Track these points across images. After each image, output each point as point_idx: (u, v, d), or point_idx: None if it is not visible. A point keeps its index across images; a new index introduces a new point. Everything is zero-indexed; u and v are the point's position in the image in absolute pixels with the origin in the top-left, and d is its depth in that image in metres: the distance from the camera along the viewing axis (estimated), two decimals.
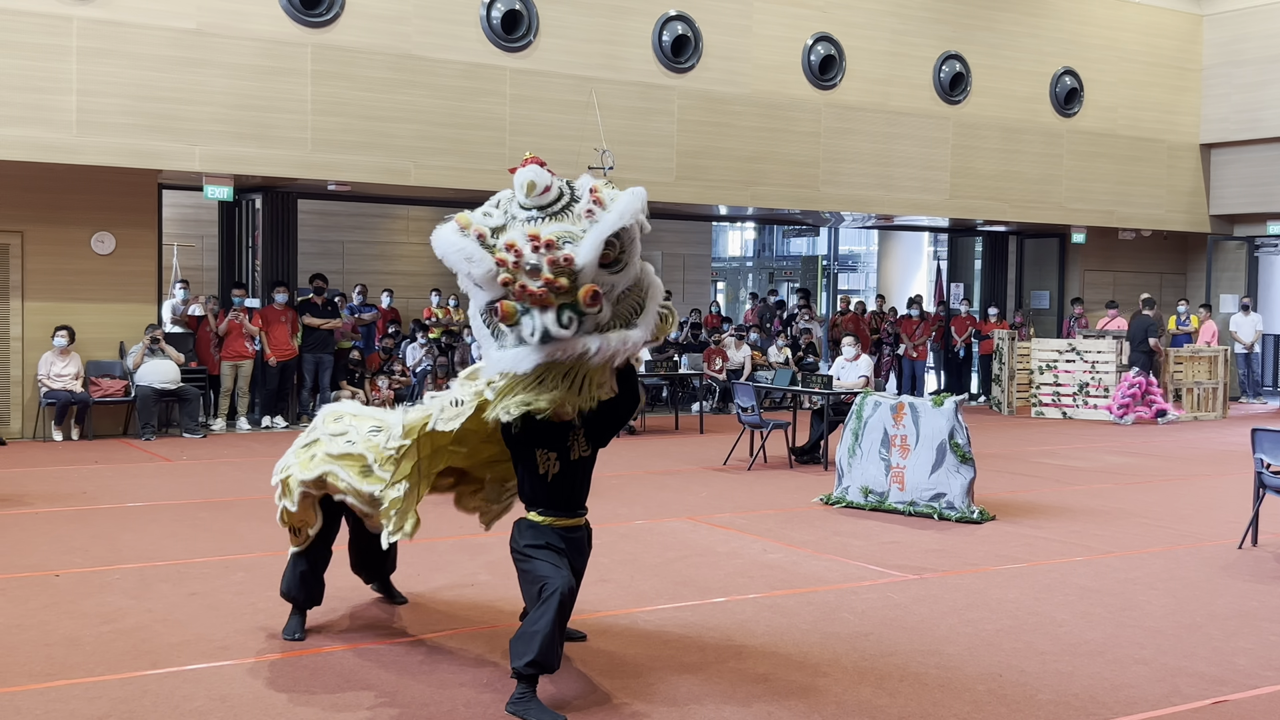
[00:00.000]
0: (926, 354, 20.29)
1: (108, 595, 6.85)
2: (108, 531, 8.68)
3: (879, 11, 17.99)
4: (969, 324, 20.56)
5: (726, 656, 5.85)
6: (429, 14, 14.67)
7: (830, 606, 6.77)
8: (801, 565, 7.86)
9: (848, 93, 17.75)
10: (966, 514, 9.42)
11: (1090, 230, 21.07)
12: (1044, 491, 11.07)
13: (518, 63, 15.21)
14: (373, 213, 20.77)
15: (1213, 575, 7.74)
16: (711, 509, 9.92)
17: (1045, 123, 19.74)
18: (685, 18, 16.30)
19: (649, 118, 16.17)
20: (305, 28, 13.95)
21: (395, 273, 20.95)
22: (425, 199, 18.00)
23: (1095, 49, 20.13)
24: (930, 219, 20.26)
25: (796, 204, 17.79)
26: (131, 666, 5.58)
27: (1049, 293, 22.63)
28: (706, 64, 16.54)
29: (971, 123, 18.95)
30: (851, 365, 12.86)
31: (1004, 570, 7.79)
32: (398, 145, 14.55)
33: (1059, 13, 19.78)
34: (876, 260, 29.30)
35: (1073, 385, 17.91)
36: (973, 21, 18.86)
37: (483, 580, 7.32)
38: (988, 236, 22.76)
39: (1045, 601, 6.99)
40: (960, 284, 23.97)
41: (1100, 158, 20.34)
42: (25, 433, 14.03)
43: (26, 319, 14.02)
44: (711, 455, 13.02)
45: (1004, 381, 18.46)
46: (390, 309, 18.69)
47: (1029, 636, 6.27)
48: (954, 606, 6.81)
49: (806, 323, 20.82)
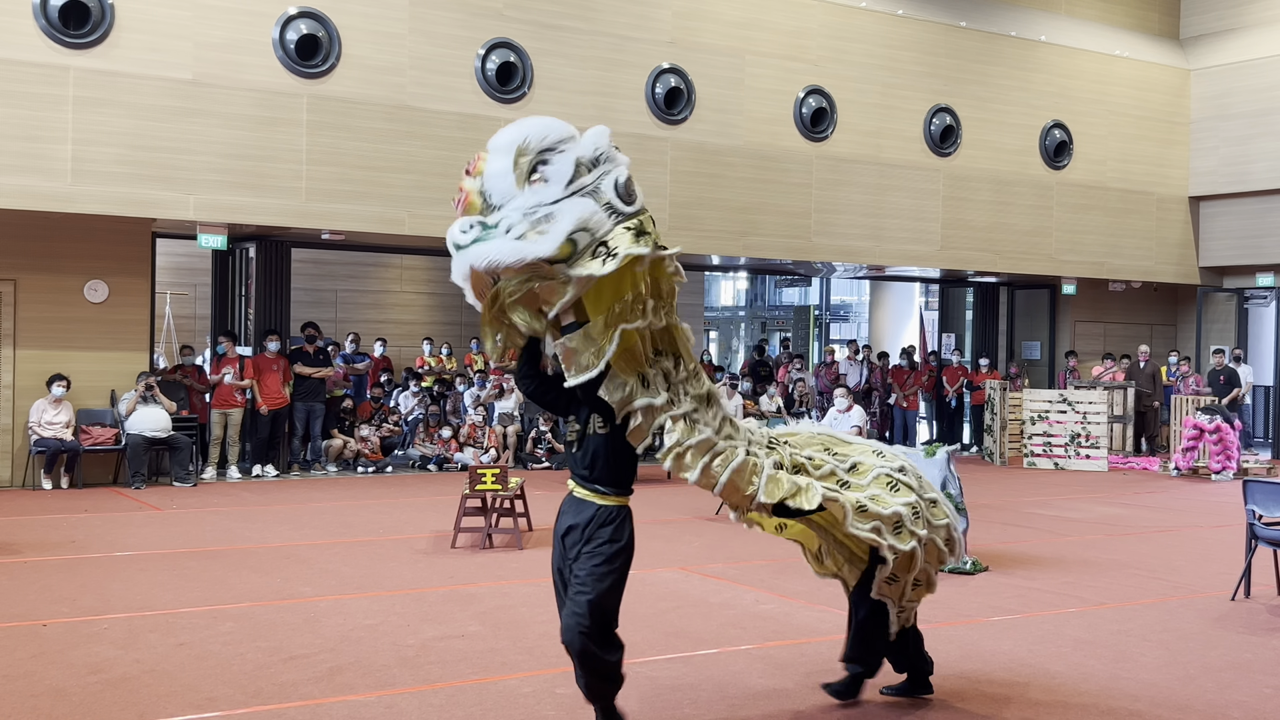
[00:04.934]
0: (918, 404, 20.32)
1: (95, 645, 6.80)
2: (96, 581, 8.62)
3: (870, 65, 18.17)
4: (961, 374, 20.61)
5: (719, 708, 5.80)
6: (424, 65, 14.79)
7: (824, 658, 6.72)
8: (795, 616, 7.82)
9: (839, 144, 17.90)
10: (959, 565, 9.38)
11: (1081, 281, 21.18)
12: (1037, 542, 11.04)
13: (512, 114, 15.30)
14: (366, 261, 20.83)
15: (1206, 627, 7.71)
16: (704, 559, 9.88)
17: (1035, 175, 19.89)
18: (678, 70, 16.45)
19: (642, 168, 16.22)
20: (301, 79, 14.05)
21: (388, 321, 20.97)
22: (419, 248, 18.07)
23: (1084, 103, 20.34)
24: (921, 269, 20.36)
25: (789, 254, 17.88)
26: (119, 718, 5.52)
27: (1040, 343, 22.71)
28: (699, 115, 16.67)
29: (962, 175, 19.10)
30: (844, 415, 12.86)
31: (997, 622, 7.76)
32: (392, 195, 14.62)
33: (1048, 67, 19.99)
34: (868, 310, 29.41)
35: (1064, 436, 17.93)
36: (963, 75, 19.06)
37: (472, 631, 7.27)
38: (979, 287, 22.87)
39: (1039, 653, 6.95)
40: (952, 334, 24.05)
41: (1090, 210, 20.49)
42: (15, 481, 13.96)
43: (18, 367, 14.00)
44: (704, 505, 12.98)
45: (996, 432, 18.48)
46: (383, 358, 18.70)
47: (1023, 689, 6.23)
48: (948, 659, 6.77)
49: (799, 373, 20.85)
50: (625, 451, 5.15)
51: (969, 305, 23.95)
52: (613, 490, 5.14)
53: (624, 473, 5.18)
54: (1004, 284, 22.52)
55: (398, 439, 16.67)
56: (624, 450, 5.14)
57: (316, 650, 6.26)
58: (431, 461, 16.25)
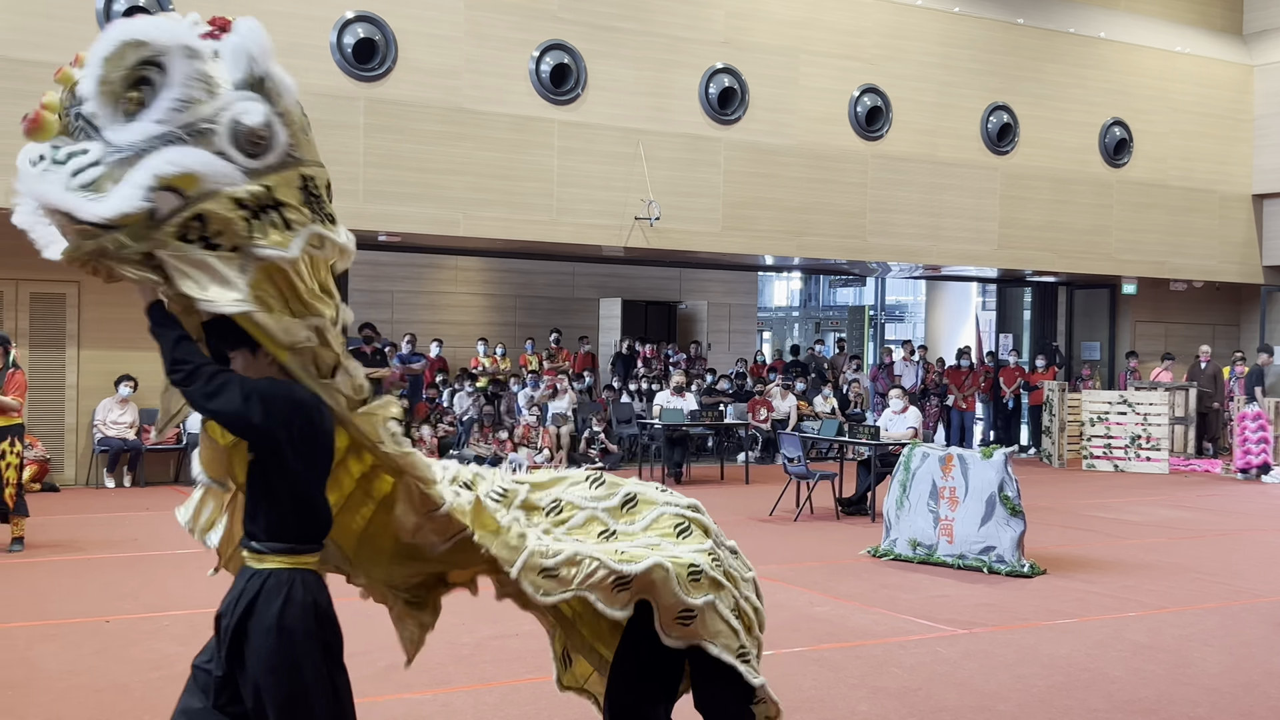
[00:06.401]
0: (975, 405, 20.14)
1: (157, 642, 6.90)
2: (158, 578, 8.75)
3: (926, 63, 18.04)
4: (1018, 375, 20.40)
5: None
6: (479, 68, 14.88)
7: (878, 661, 6.69)
8: (849, 618, 7.78)
9: (895, 143, 17.78)
10: (1017, 567, 9.30)
11: (1141, 281, 20.89)
12: (1096, 545, 10.91)
13: (566, 115, 15.37)
14: (422, 263, 20.97)
15: (1270, 632, 7.58)
16: (757, 560, 9.82)
17: (1095, 173, 19.65)
18: (732, 70, 16.42)
19: (696, 169, 16.27)
20: (359, 82, 14.19)
21: (444, 322, 21.10)
22: (475, 249, 18.18)
23: (1145, 100, 20.06)
24: (978, 269, 20.18)
25: (844, 254, 17.80)
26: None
27: (1099, 344, 22.42)
28: (753, 115, 16.63)
29: (1020, 173, 18.90)
30: (899, 417, 12.78)
31: (1055, 625, 7.67)
32: (448, 197, 14.72)
33: (1108, 64, 19.74)
34: (924, 310, 29.18)
35: (1124, 437, 17.69)
36: (1020, 73, 18.87)
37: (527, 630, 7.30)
38: (1037, 287, 22.62)
39: (1098, 658, 6.87)
40: (1009, 334, 23.81)
41: (1151, 208, 20.21)
42: (79, 479, 14.21)
43: (82, 367, 14.25)
44: (757, 506, 12.95)
45: (1054, 433, 18.27)
46: (439, 358, 18.83)
47: (1081, 694, 6.16)
48: (1004, 662, 6.71)
49: (854, 374, 20.74)
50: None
51: (1027, 305, 23.70)
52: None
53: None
54: (1063, 284, 22.26)
55: (453, 439, 16.78)
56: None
57: (372, 648, 6.32)
58: (486, 461, 16.34)
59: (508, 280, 21.86)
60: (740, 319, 24.55)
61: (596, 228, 15.63)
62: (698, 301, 23.56)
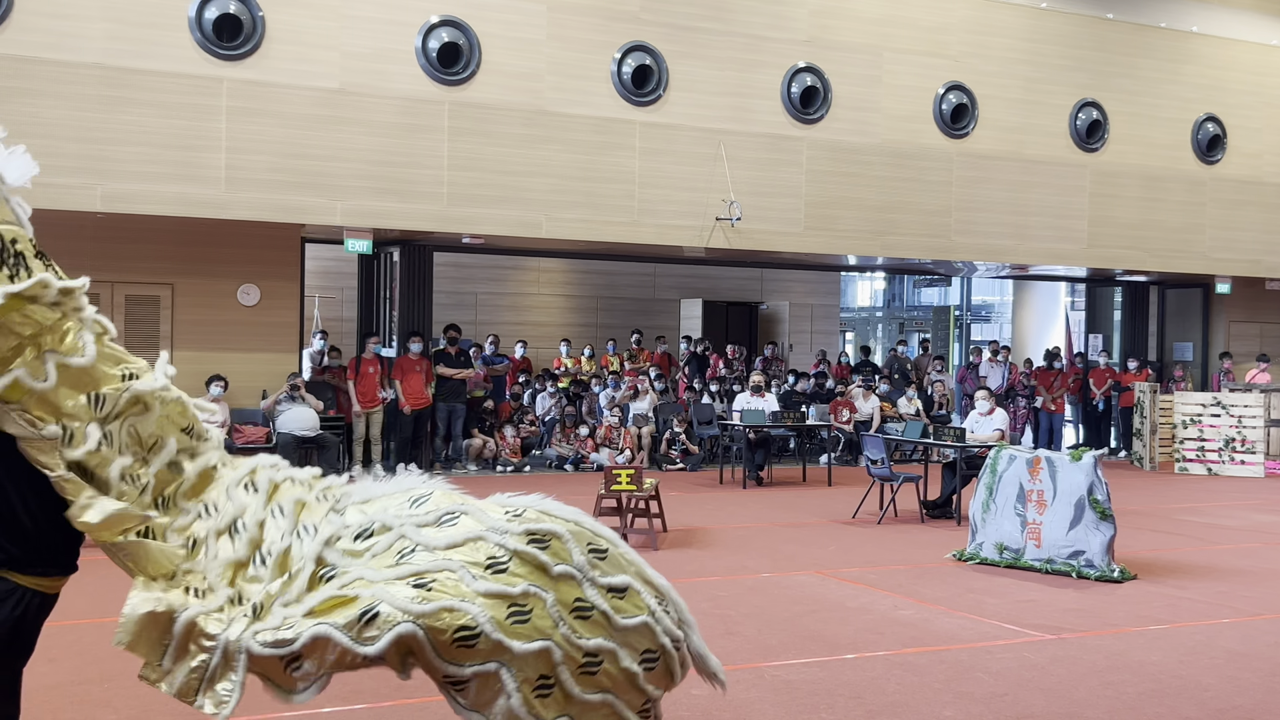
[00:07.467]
0: (1064, 407, 19.81)
1: None
2: None
3: (1012, 60, 17.79)
4: (1108, 376, 20.03)
5: (856, 714, 5.75)
6: (561, 71, 14.97)
7: (964, 666, 6.61)
8: (934, 622, 7.70)
9: (981, 141, 17.56)
10: (1106, 573, 9.13)
11: (1236, 280, 20.40)
12: (1188, 550, 10.67)
13: (647, 116, 15.40)
14: (505, 265, 21.17)
15: None
16: (840, 563, 9.79)
17: (1187, 170, 19.23)
18: (814, 69, 16.34)
19: (777, 169, 16.21)
20: (443, 86, 14.35)
21: (526, 323, 21.28)
22: (557, 251, 18.29)
23: (1239, 95, 19.58)
24: (1067, 269, 19.85)
25: (928, 254, 17.62)
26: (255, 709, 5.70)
27: (1192, 344, 21.92)
28: (836, 114, 16.53)
29: (1110, 171, 18.56)
30: (986, 419, 12.62)
31: (1146, 632, 7.52)
32: (531, 199, 14.83)
33: (1200, 58, 19.30)
34: (1011, 310, 28.76)
35: (1218, 440, 17.28)
36: (1110, 69, 18.53)
37: None
38: (1127, 286, 22.20)
39: (1190, 665, 6.72)
40: (1099, 335, 23.38)
41: (1246, 205, 19.72)
42: None
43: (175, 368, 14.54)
44: (840, 508, 12.86)
45: (1145, 436, 17.90)
46: (523, 359, 18.99)
47: (1173, 701, 6.03)
48: (1094, 669, 6.59)
49: (938, 375, 20.51)
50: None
51: (1117, 305, 23.26)
52: None
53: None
54: (1154, 283, 21.81)
55: (535, 439, 16.90)
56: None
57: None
58: (568, 461, 16.43)
59: (589, 281, 21.98)
60: (822, 319, 24.43)
61: (678, 228, 15.65)
62: (779, 302, 23.48)
